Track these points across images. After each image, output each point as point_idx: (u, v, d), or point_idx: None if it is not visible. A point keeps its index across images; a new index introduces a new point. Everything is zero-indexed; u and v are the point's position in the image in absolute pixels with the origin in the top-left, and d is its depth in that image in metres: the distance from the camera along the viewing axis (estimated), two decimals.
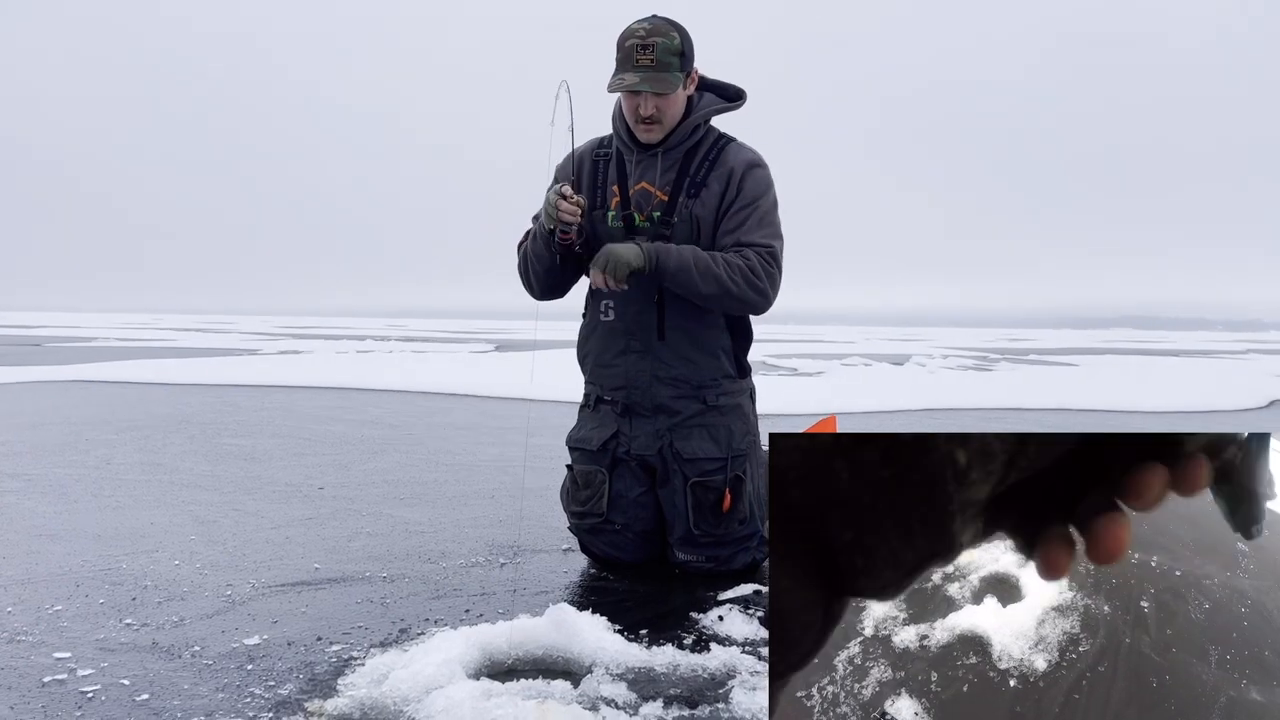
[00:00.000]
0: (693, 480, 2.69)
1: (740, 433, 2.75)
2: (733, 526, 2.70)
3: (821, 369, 14.40)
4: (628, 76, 2.55)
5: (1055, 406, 8.89)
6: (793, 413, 7.20)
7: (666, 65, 2.55)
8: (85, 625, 2.24)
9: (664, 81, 2.55)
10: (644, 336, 2.72)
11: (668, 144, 2.69)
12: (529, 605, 2.45)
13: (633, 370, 2.74)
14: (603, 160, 2.79)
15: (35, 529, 3.23)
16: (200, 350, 18.15)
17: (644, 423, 2.75)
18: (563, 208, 2.51)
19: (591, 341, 2.85)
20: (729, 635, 2.24)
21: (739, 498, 2.70)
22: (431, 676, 1.83)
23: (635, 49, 2.54)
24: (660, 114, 2.62)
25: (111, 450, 5.06)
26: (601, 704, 1.79)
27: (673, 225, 2.66)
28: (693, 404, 2.73)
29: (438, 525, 3.40)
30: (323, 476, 4.37)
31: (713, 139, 2.75)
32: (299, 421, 6.63)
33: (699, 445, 2.70)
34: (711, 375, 2.74)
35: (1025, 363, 18.94)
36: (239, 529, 3.27)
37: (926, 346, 28.52)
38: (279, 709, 1.77)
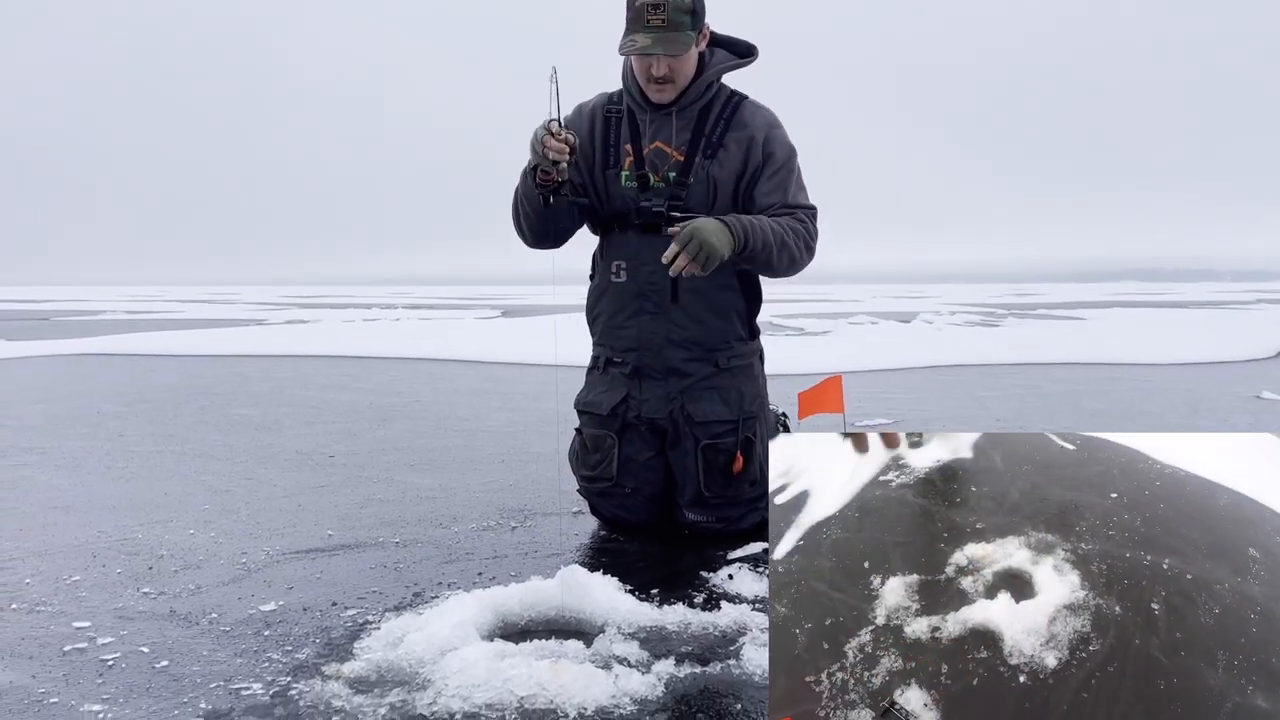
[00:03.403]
0: (704, 443, 2.69)
1: (751, 395, 2.75)
2: (743, 488, 2.71)
3: (828, 328, 14.38)
4: (639, 38, 2.50)
5: (1064, 361, 8.88)
6: (799, 373, 7.20)
7: (678, 25, 2.50)
8: (103, 595, 2.27)
9: (676, 42, 2.51)
10: (658, 298, 2.69)
11: (681, 103, 2.65)
12: (540, 567, 2.47)
13: (645, 332, 2.72)
14: (614, 117, 2.74)
15: (50, 501, 3.26)
16: (208, 321, 18.17)
17: (654, 385, 2.73)
18: (550, 144, 2.41)
19: (603, 302, 2.81)
20: (739, 593, 2.27)
21: (750, 460, 2.70)
22: (446, 639, 1.85)
23: (646, 8, 2.48)
24: (673, 74, 2.58)
25: (123, 422, 5.09)
26: (614, 663, 1.81)
27: (688, 186, 2.62)
28: (704, 366, 2.72)
29: (448, 490, 3.43)
30: (333, 444, 4.40)
31: (725, 96, 2.71)
32: (308, 390, 6.65)
33: (710, 408, 2.70)
34: (724, 338, 2.73)
35: (1032, 317, 18.88)
36: (252, 498, 3.30)
37: (933, 303, 28.42)
38: (297, 672, 1.80)
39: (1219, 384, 7.13)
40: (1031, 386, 6.91)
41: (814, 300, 31.81)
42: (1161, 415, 5.47)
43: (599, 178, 2.73)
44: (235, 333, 13.67)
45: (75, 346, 10.86)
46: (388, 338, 12.05)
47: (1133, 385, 7.02)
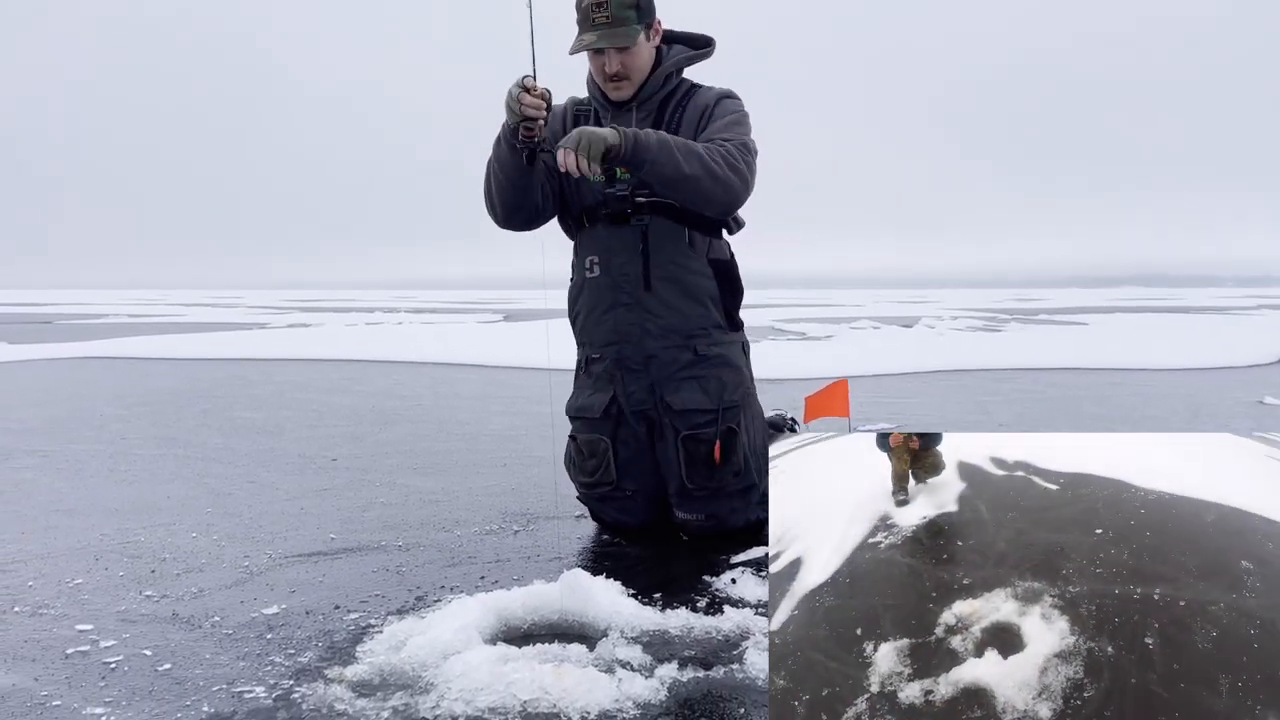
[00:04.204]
0: (684, 433, 2.68)
1: (733, 384, 2.72)
2: (726, 479, 2.68)
3: (831, 333, 14.37)
4: (586, 36, 2.55)
5: (1066, 366, 8.87)
6: (803, 377, 7.20)
7: (623, 20, 2.54)
8: (106, 598, 2.27)
9: (622, 35, 2.54)
10: (630, 288, 2.70)
11: (640, 97, 2.69)
12: (543, 571, 2.47)
13: (622, 323, 2.72)
14: (582, 116, 2.79)
15: (53, 504, 3.26)
16: (210, 325, 18.20)
17: (635, 377, 2.74)
18: (525, 101, 2.42)
19: (581, 300, 2.83)
20: (742, 597, 2.26)
21: (731, 449, 2.67)
22: (449, 642, 1.85)
23: (590, 7, 2.53)
24: (627, 69, 2.61)
25: (125, 425, 5.09)
26: (617, 666, 1.81)
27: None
28: (683, 353, 2.71)
29: (451, 494, 3.43)
30: (336, 448, 4.40)
31: (685, 89, 2.75)
32: (311, 394, 6.66)
33: (689, 397, 2.68)
34: (700, 325, 2.72)
35: (1035, 323, 18.87)
36: (255, 501, 3.30)
37: (935, 308, 28.41)
38: (299, 676, 1.80)
39: (1221, 389, 7.12)
40: (1034, 391, 6.90)
41: (816, 305, 31.82)
42: (1163, 420, 5.46)
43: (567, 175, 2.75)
44: (238, 336, 13.68)
45: (77, 350, 10.87)
46: (390, 341, 12.06)
47: (1134, 390, 7.02)
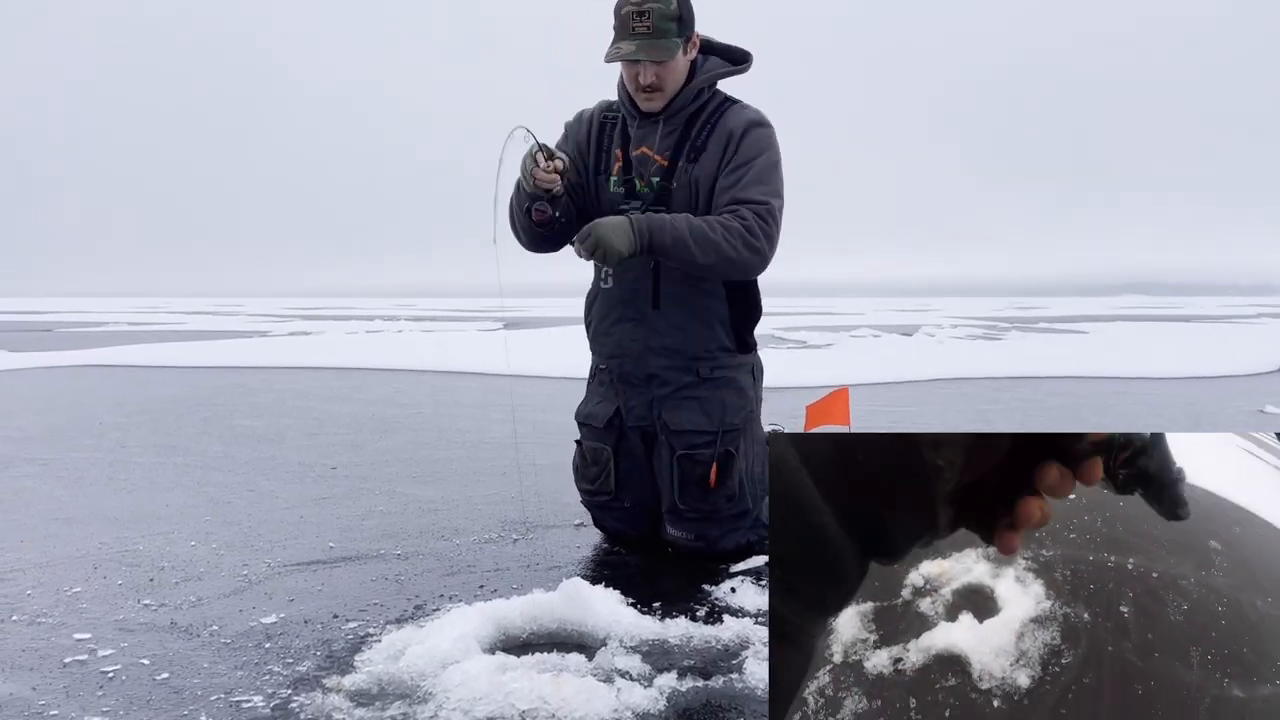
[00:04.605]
0: (679, 452, 2.63)
1: (735, 407, 2.67)
2: (720, 503, 2.62)
3: (831, 341, 14.37)
4: (624, 45, 2.49)
5: (1066, 374, 8.86)
6: (803, 385, 7.19)
7: (664, 31, 2.48)
8: (104, 606, 2.26)
9: (661, 49, 2.49)
10: (638, 304, 2.68)
11: (669, 110, 2.63)
12: (542, 580, 2.46)
13: (626, 339, 2.70)
14: (609, 123, 2.75)
15: (52, 512, 3.26)
16: (210, 333, 18.19)
17: (636, 392, 2.72)
18: (539, 176, 2.41)
19: (594, 308, 2.82)
20: (741, 607, 2.26)
21: (727, 474, 2.62)
22: (447, 651, 1.85)
23: (631, 15, 2.47)
24: (660, 81, 2.56)
25: (125, 434, 5.09)
26: (616, 676, 1.80)
27: (672, 191, 2.61)
28: (684, 375, 2.67)
29: (450, 503, 3.42)
30: (335, 456, 4.40)
31: (716, 103, 2.68)
32: (311, 402, 6.65)
33: (688, 417, 2.64)
34: (706, 347, 2.67)
35: (1035, 331, 18.87)
36: (254, 509, 3.30)
37: (936, 317, 28.41)
38: (297, 685, 1.79)
39: (1222, 398, 7.11)
40: (1034, 400, 6.90)
41: (817, 313, 31.81)
42: (1164, 429, 5.45)
43: (591, 183, 2.75)
44: (238, 344, 13.68)
45: (78, 358, 10.87)
46: (390, 350, 12.06)
47: (1135, 399, 7.01)
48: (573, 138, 2.79)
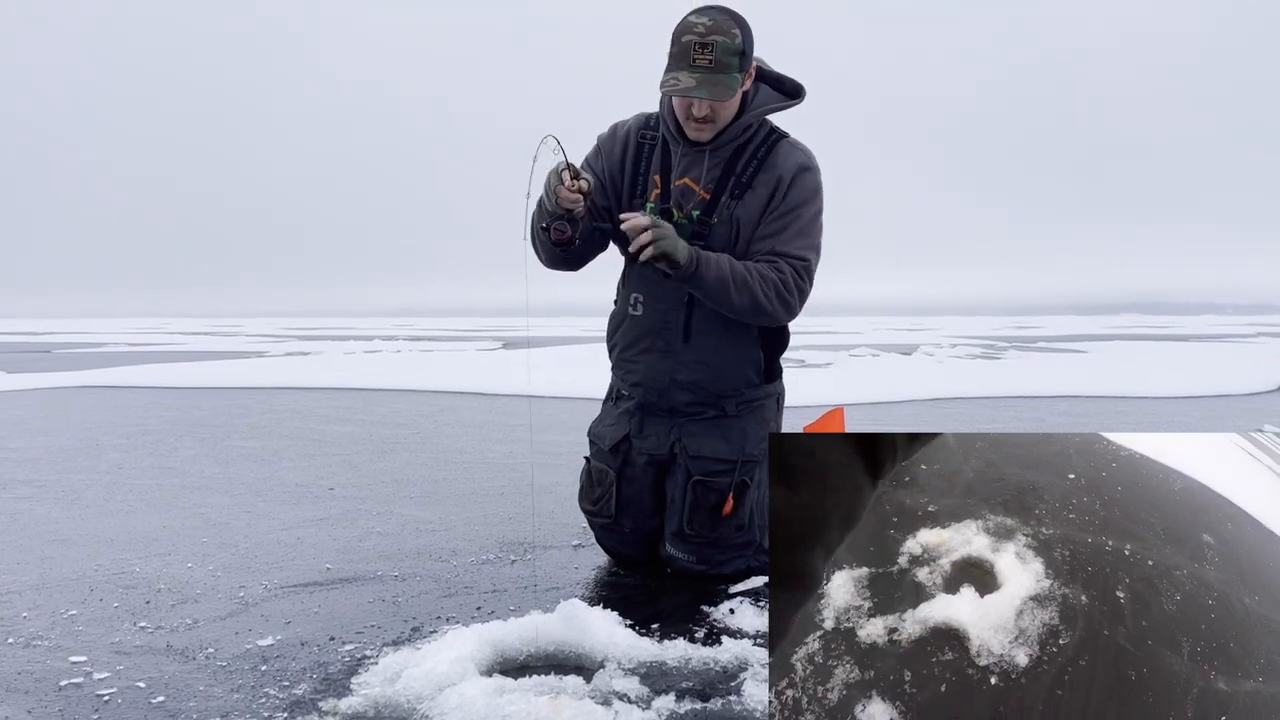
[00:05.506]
0: (696, 478, 2.61)
1: (756, 437, 2.64)
2: (728, 532, 2.61)
3: (829, 360, 14.37)
4: (683, 77, 2.35)
5: (1065, 394, 8.87)
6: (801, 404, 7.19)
7: (725, 66, 2.35)
8: (100, 629, 2.25)
9: (721, 85, 2.36)
10: (668, 336, 2.61)
11: (718, 141, 2.53)
12: (540, 602, 2.45)
13: (652, 370, 2.64)
14: (648, 144, 2.63)
15: (48, 534, 3.25)
16: (208, 353, 18.18)
17: (656, 422, 2.69)
18: (563, 194, 2.35)
19: (620, 333, 2.75)
20: (740, 628, 2.25)
21: (740, 504, 2.60)
22: (444, 674, 1.84)
23: (693, 46, 2.33)
24: (714, 115, 2.46)
25: (123, 455, 5.08)
26: (614, 698, 1.80)
27: (711, 226, 2.52)
28: (708, 410, 2.64)
29: (448, 524, 3.41)
30: (333, 477, 4.39)
31: (763, 134, 2.59)
32: (308, 423, 6.65)
33: (708, 444, 2.62)
34: (733, 384, 2.63)
35: (1034, 350, 18.88)
36: (251, 531, 3.29)
37: (934, 336, 28.43)
38: (294, 709, 1.78)
39: (1219, 417, 7.12)
40: (1033, 419, 6.90)
41: (815, 332, 31.83)
42: None
43: (623, 207, 2.63)
44: (236, 365, 13.67)
45: (77, 379, 10.86)
46: (388, 369, 12.05)
47: (1134, 418, 7.01)
48: (606, 154, 2.67)
